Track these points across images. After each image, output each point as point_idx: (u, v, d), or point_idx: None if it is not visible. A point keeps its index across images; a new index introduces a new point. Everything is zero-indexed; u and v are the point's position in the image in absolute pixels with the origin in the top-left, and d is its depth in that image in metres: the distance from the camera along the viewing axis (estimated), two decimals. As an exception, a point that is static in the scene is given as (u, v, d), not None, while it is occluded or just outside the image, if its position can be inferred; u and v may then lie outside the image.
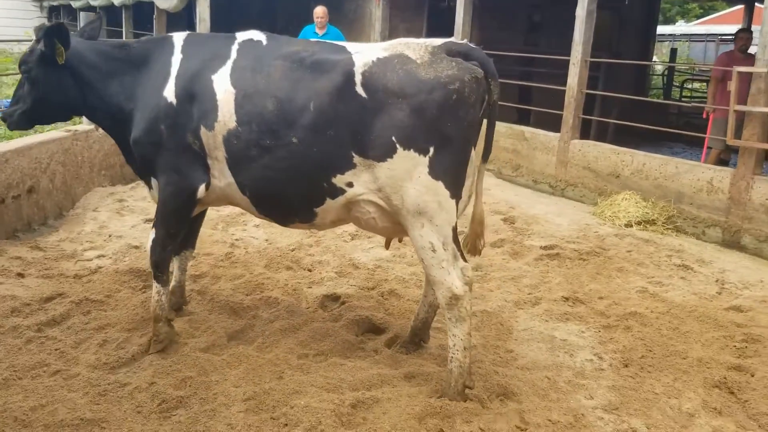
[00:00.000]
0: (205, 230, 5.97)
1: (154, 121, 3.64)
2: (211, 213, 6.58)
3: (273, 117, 3.43)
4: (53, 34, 3.67)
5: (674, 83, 15.96)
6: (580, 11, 8.22)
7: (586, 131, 9.38)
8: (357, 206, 3.50)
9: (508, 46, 10.84)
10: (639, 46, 14.84)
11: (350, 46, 3.54)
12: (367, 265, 5.38)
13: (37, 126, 4.53)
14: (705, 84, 17.41)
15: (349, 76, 3.33)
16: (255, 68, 3.54)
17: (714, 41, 29.86)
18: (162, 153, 3.67)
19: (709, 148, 8.79)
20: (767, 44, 6.36)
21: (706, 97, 17.03)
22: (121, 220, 6.35)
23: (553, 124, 8.94)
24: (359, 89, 3.31)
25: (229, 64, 3.60)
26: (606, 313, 4.71)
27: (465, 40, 3.56)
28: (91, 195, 6.96)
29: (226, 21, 12.30)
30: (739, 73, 7.99)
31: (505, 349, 4.11)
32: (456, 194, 3.36)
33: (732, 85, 6.77)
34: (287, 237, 6.03)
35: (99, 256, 5.32)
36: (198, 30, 10.60)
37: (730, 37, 29.33)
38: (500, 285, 5.15)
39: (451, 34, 12.89)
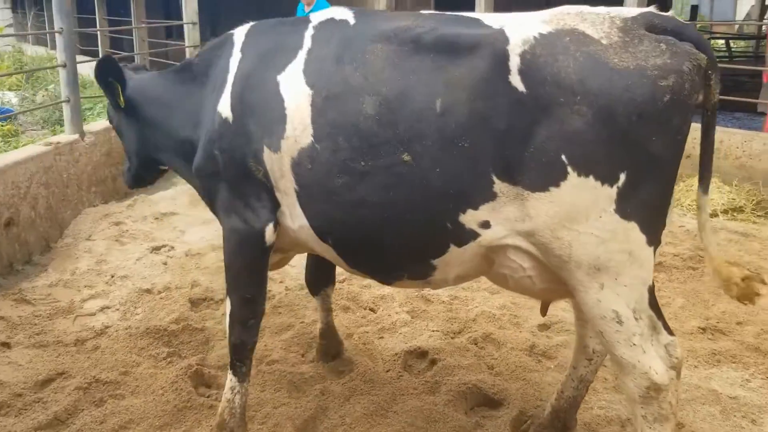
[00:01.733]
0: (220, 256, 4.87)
1: (210, 145, 2.70)
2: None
3: (374, 126, 2.33)
4: (105, 71, 3.00)
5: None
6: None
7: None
8: (503, 257, 2.35)
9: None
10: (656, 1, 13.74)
11: (489, 18, 2.37)
12: (441, 297, 4.30)
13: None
14: (723, 42, 16.37)
15: (502, 59, 2.20)
16: (342, 57, 2.45)
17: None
18: (220, 187, 2.73)
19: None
20: None
21: (729, 56, 16.12)
22: (122, 250, 5.19)
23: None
24: (515, 80, 2.17)
25: (302, 56, 2.54)
26: (761, 348, 3.69)
27: (671, 12, 2.32)
28: (81, 219, 5.77)
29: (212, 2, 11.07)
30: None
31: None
32: (654, 239, 2.20)
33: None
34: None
35: (103, 309, 4.18)
36: (184, 12, 9.33)
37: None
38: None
39: (464, 7, 11.80)
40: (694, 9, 14.51)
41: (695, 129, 2.21)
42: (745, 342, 3.76)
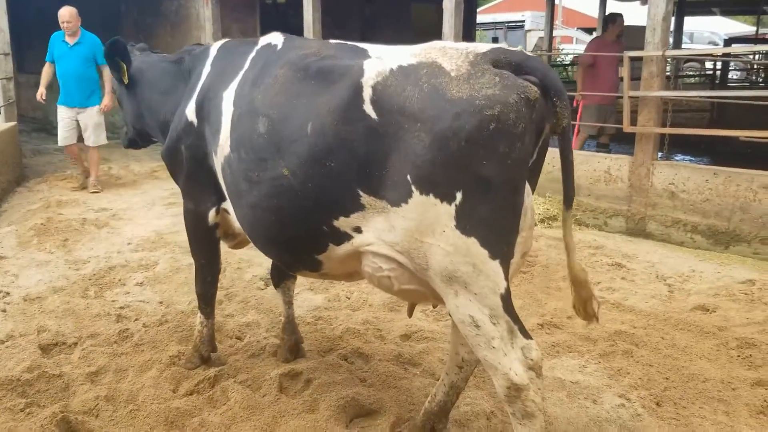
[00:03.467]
0: (74, 300, 4.60)
1: (176, 140, 3.35)
2: (71, 273, 5.17)
3: (263, 143, 2.73)
4: (114, 51, 3.60)
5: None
6: (448, 3, 7.70)
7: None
8: (366, 258, 2.61)
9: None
10: (464, 36, 14.86)
11: (373, 50, 2.64)
12: (305, 318, 4.37)
13: None
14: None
15: (357, 90, 2.47)
16: (256, 80, 2.87)
17: (502, 29, 31.64)
18: (181, 173, 3.43)
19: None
20: (656, 27, 6.22)
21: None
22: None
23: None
24: (368, 108, 2.44)
25: (239, 77, 3.00)
26: (590, 336, 4.17)
27: (519, 47, 2.69)
28: None
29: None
30: (606, 58, 7.97)
31: (524, 408, 3.39)
32: (499, 253, 2.39)
33: (624, 71, 6.62)
34: (184, 293, 4.81)
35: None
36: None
37: (521, 22, 31.16)
38: (464, 320, 4.42)
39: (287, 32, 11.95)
40: (495, 41, 15.86)
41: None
42: (576, 333, 4.22)
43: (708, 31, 29.48)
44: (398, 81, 2.41)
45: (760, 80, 15.85)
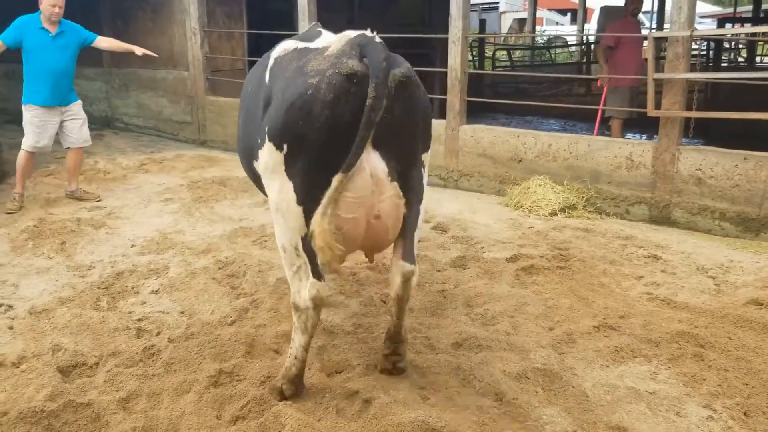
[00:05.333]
0: (86, 312, 4.19)
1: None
2: (76, 281, 4.74)
3: (244, 115, 3.68)
4: None
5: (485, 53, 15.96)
6: (456, -17, 7.32)
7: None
8: None
9: (335, 28, 9.70)
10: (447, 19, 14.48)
11: (322, 36, 3.54)
12: (344, 327, 4.01)
13: None
14: (506, 52, 17.74)
15: (267, 64, 3.33)
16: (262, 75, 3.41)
17: (476, 11, 31.29)
18: None
19: (607, 119, 8.50)
20: (682, 5, 5.94)
21: (512, 65, 17.44)
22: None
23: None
24: (266, 74, 3.26)
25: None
26: (651, 338, 3.89)
27: (375, 33, 2.92)
28: None
29: None
30: (630, 37, 7.71)
31: (607, 425, 3.10)
32: (303, 200, 2.93)
33: (649, 53, 6.33)
34: (206, 301, 4.42)
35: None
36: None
37: (495, 4, 30.88)
38: (514, 323, 4.10)
39: (270, 20, 11.49)
40: (482, 22, 15.58)
41: (525, 135, 2.20)
42: (635, 335, 3.94)
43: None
44: (289, 57, 3.14)
45: (742, 60, 15.81)
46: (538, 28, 29.05)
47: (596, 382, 3.48)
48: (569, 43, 20.70)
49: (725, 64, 13.88)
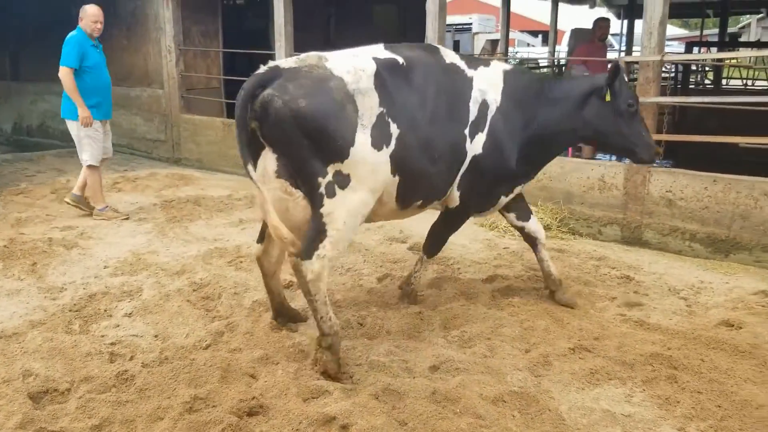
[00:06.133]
0: (57, 336, 4.10)
1: None
2: (47, 303, 4.64)
3: None
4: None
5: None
6: (431, 6, 7.39)
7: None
8: None
9: (311, 47, 9.69)
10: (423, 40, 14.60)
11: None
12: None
13: None
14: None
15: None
16: None
17: (450, 31, 31.59)
18: None
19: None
20: (652, 31, 6.07)
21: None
22: None
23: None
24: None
25: None
26: (625, 360, 3.91)
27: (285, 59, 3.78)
28: None
29: None
30: (601, 62, 7.84)
31: (584, 450, 3.11)
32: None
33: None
34: (180, 324, 4.36)
35: None
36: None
37: (468, 25, 31.21)
38: (491, 345, 4.10)
39: (246, 39, 11.46)
40: (456, 43, 15.73)
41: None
42: (610, 357, 3.96)
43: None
44: None
45: (709, 82, 16.17)
46: (510, 49, 29.41)
47: (572, 405, 3.49)
48: (541, 64, 21.01)
49: (693, 86, 14.17)
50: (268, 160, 3.63)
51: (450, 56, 4.27)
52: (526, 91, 4.39)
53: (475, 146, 4.21)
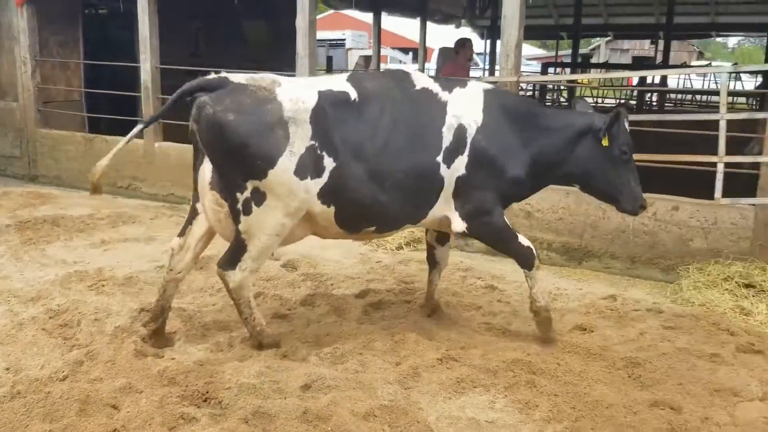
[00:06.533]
0: None
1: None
2: None
3: None
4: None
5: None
6: (301, 23, 7.38)
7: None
8: None
9: (178, 60, 9.39)
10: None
11: None
12: (188, 374, 3.83)
13: None
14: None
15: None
16: None
17: (324, 46, 31.71)
18: None
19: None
20: (509, 53, 6.39)
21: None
22: None
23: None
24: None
25: None
26: (489, 367, 4.05)
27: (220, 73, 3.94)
28: None
29: None
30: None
31: (450, 459, 3.18)
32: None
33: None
34: (35, 355, 4.04)
35: None
36: None
37: (342, 41, 31.42)
38: (363, 360, 4.11)
39: (110, 49, 10.90)
40: (330, 59, 15.78)
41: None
42: (476, 365, 4.08)
43: (508, 54, 31.80)
44: None
45: (564, 100, 17.28)
46: (382, 65, 29.98)
47: (440, 414, 3.57)
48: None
49: (549, 105, 15.07)
50: (206, 169, 3.95)
51: (422, 82, 4.26)
52: (515, 110, 4.36)
53: (455, 170, 4.18)
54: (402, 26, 31.88)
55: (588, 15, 17.81)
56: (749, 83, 21.12)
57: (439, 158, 4.14)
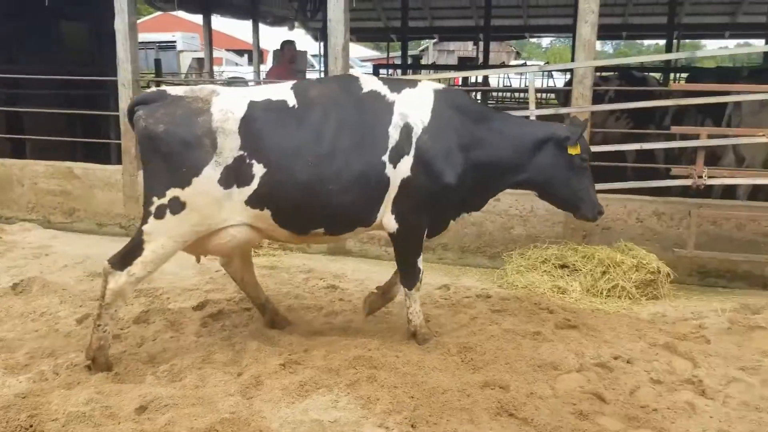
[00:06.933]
0: None
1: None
2: None
3: None
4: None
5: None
6: (120, 25, 6.97)
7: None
8: None
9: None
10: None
11: None
12: (8, 411, 3.48)
13: None
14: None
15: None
16: None
17: (153, 48, 30.22)
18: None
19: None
20: (337, 56, 6.47)
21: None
22: None
23: (53, 151, 8.47)
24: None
25: None
26: (331, 367, 4.07)
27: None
28: None
29: None
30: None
31: (294, 464, 3.15)
32: None
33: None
34: None
35: None
36: None
37: (172, 43, 30.08)
38: (202, 374, 3.97)
39: None
40: (158, 62, 15.02)
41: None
42: (318, 366, 4.10)
43: (343, 55, 32.23)
44: None
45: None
46: (217, 68, 29.13)
47: (283, 420, 3.53)
48: (251, 84, 21.18)
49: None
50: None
51: (369, 84, 4.22)
52: (463, 112, 4.28)
53: (401, 170, 4.12)
54: (237, 28, 31.22)
55: (414, 18, 18.47)
56: (560, 80, 22.96)
57: (385, 158, 4.10)
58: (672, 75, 16.15)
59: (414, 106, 4.18)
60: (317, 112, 4.05)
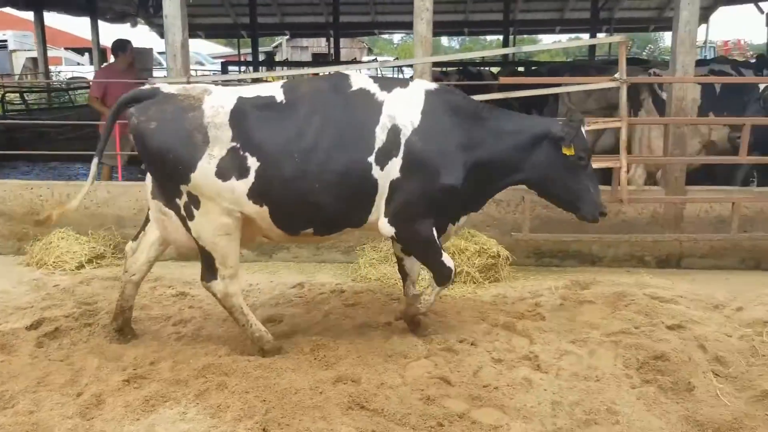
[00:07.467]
0: None
1: None
2: None
3: None
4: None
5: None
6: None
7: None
8: None
9: None
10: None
11: None
12: None
13: None
14: (19, 95, 16.05)
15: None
16: None
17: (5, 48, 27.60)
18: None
19: (102, 164, 8.18)
20: (176, 54, 6.18)
21: (28, 109, 15.76)
22: None
23: None
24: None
25: None
26: (179, 379, 3.89)
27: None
28: None
29: None
30: (119, 87, 7.69)
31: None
32: None
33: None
34: None
35: None
36: None
37: (3, 42, 27.53)
38: (37, 399, 3.65)
39: None
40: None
41: (40, 187, 2.20)
42: (165, 379, 3.91)
43: (193, 51, 31.17)
44: None
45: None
46: (55, 68, 27.04)
47: (127, 442, 3.33)
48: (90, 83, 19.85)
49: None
50: (149, 180, 4.12)
51: (360, 83, 4.12)
52: (456, 111, 4.13)
53: (389, 172, 4.00)
54: (77, 25, 29.12)
55: (263, 14, 18.18)
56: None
57: (371, 159, 3.97)
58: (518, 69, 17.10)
59: (404, 106, 4.07)
60: (304, 108, 3.98)
